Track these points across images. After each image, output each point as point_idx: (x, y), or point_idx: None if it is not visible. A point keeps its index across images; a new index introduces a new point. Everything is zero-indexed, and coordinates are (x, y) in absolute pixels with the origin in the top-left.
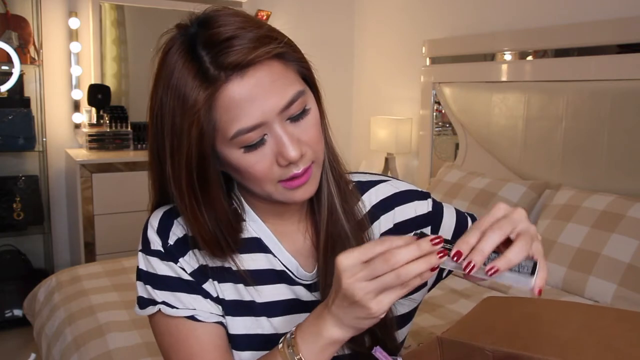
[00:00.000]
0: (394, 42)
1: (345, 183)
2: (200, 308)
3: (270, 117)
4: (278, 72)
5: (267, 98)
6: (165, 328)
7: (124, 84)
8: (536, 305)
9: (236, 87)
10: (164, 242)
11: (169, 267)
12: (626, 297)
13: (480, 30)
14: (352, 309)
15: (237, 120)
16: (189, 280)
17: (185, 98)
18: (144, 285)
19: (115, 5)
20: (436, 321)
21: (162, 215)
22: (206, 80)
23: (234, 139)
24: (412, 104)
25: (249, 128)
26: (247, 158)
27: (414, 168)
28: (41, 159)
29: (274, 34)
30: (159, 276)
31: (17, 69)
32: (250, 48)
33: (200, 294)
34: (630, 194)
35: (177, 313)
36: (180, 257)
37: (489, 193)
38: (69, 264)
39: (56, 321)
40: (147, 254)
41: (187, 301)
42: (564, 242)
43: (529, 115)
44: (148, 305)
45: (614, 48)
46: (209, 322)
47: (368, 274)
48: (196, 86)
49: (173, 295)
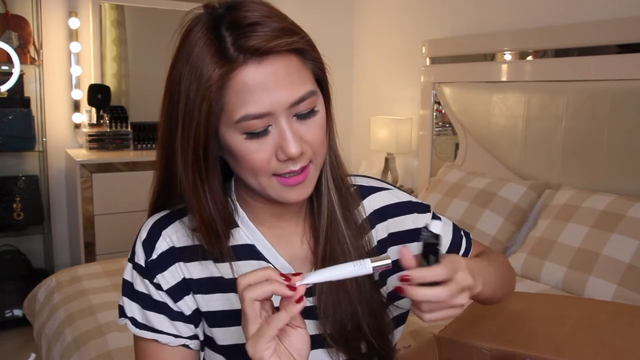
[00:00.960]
0: (394, 42)
1: (346, 188)
2: (165, 330)
3: (278, 109)
4: (294, 67)
5: (280, 90)
6: (136, 342)
7: (124, 84)
8: (532, 302)
9: (252, 71)
10: (147, 256)
11: (144, 285)
12: (626, 297)
13: (480, 30)
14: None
15: (245, 105)
16: (157, 301)
17: (201, 73)
18: (122, 295)
19: (115, 5)
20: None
21: (152, 225)
22: (224, 59)
23: (239, 122)
24: (412, 104)
25: (256, 115)
26: (247, 145)
27: (414, 168)
28: (41, 159)
29: (297, 29)
30: (135, 291)
31: (17, 69)
32: (273, 36)
33: (167, 315)
34: (630, 194)
35: (141, 334)
36: (159, 272)
37: (489, 193)
38: (69, 264)
39: (56, 321)
40: (132, 265)
41: (154, 321)
42: (564, 242)
43: (529, 115)
44: (122, 316)
45: (614, 48)
46: (172, 345)
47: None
48: (213, 63)
49: (142, 313)
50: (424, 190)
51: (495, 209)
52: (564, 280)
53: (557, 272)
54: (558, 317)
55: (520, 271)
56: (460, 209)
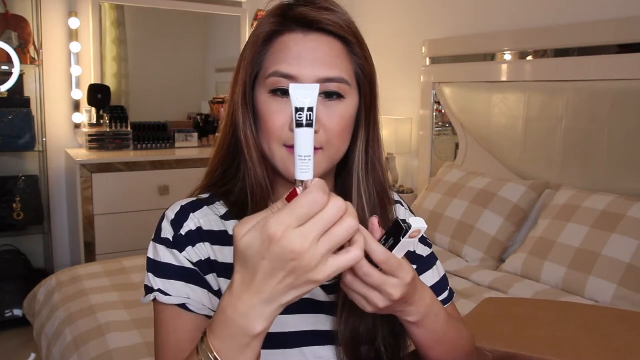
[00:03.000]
0: (394, 42)
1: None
2: (194, 298)
3: (306, 78)
4: (336, 51)
5: (313, 63)
6: (158, 315)
7: (124, 84)
8: (535, 306)
9: (296, 38)
10: (176, 232)
11: (173, 255)
12: (626, 297)
13: (480, 30)
14: (277, 271)
15: (278, 63)
16: (190, 269)
17: (257, 28)
18: (147, 273)
19: (115, 5)
20: None
21: (179, 209)
22: (278, 21)
23: (268, 78)
24: (412, 104)
25: (284, 74)
26: (270, 104)
27: (414, 168)
28: (41, 159)
29: (352, 25)
30: (161, 263)
31: (17, 69)
32: (330, 17)
33: (199, 283)
34: (630, 194)
35: (170, 300)
36: (188, 246)
37: (489, 193)
38: (69, 264)
39: (56, 321)
40: (156, 241)
41: (182, 290)
42: (564, 242)
43: (529, 115)
44: (148, 293)
45: (614, 48)
46: (199, 313)
47: (296, 219)
48: (269, 23)
49: (169, 284)
50: (424, 190)
51: (495, 209)
52: (564, 280)
53: (557, 272)
54: (560, 321)
55: (520, 271)
56: (460, 209)
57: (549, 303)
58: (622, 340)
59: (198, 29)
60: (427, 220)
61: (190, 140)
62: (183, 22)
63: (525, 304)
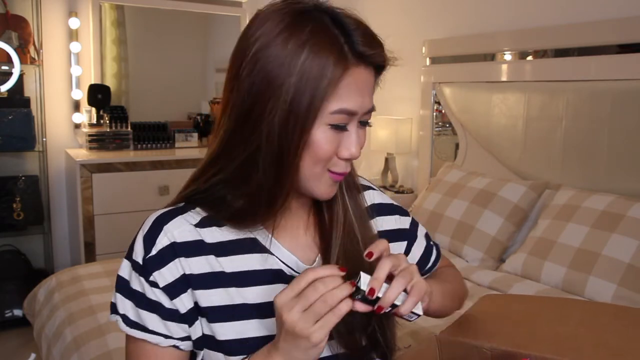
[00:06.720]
0: (394, 42)
1: (357, 190)
2: (156, 330)
3: (360, 112)
4: (372, 82)
5: (366, 95)
6: (127, 340)
7: (124, 84)
8: (534, 303)
9: (359, 74)
10: (146, 253)
11: (139, 282)
12: (626, 297)
13: (480, 30)
14: (297, 341)
15: (344, 101)
16: (151, 300)
17: (323, 63)
18: (115, 291)
19: (115, 5)
20: (436, 321)
21: (153, 221)
22: (341, 58)
23: (333, 114)
24: (412, 104)
25: (348, 111)
26: (327, 135)
27: (414, 168)
28: (41, 159)
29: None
30: (130, 289)
31: (17, 69)
32: (383, 54)
33: (160, 314)
34: (630, 194)
35: (131, 332)
36: (156, 269)
37: (489, 193)
38: (69, 264)
39: (56, 321)
40: (129, 263)
41: (146, 320)
42: (564, 242)
43: (529, 115)
44: (113, 312)
45: (614, 48)
46: (162, 345)
47: (302, 305)
48: (332, 62)
49: (135, 311)
50: (424, 190)
51: (495, 209)
52: (564, 280)
53: (557, 272)
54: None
55: (520, 271)
56: (460, 209)
57: (548, 300)
58: (621, 336)
59: (198, 29)
60: (427, 220)
61: (190, 140)
62: (183, 22)
63: (523, 301)
